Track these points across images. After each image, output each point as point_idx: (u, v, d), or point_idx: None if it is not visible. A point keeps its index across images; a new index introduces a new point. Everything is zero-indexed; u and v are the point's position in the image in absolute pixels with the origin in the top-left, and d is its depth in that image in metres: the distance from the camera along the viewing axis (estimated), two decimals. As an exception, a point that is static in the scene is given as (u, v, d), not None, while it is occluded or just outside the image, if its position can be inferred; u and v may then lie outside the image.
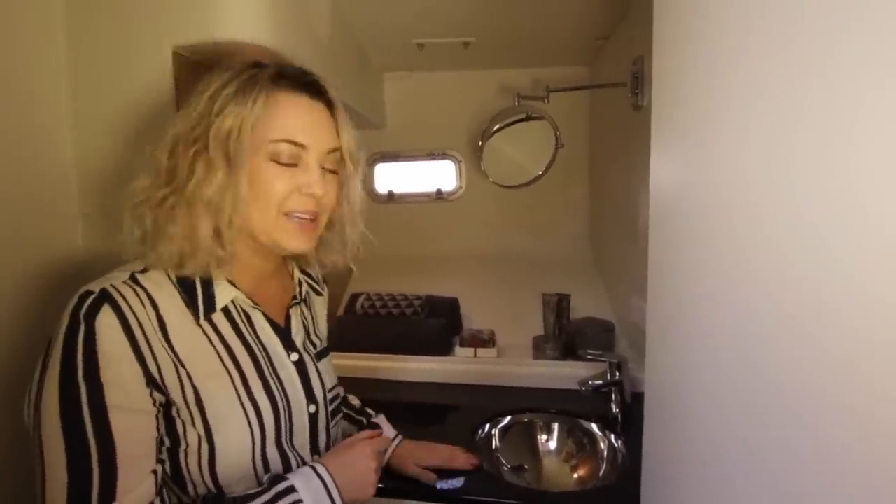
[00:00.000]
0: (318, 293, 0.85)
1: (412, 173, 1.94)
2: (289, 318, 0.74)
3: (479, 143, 1.67)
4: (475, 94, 1.83)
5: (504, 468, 1.11)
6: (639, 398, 0.76)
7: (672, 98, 0.62)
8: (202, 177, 0.60)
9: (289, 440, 0.68)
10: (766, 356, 0.41)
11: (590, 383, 1.15)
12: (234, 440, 0.61)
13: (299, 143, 0.64)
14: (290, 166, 0.64)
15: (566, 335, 1.49)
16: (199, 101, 0.63)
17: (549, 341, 1.46)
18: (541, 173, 1.67)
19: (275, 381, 0.67)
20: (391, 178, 1.95)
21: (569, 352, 1.43)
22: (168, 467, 0.60)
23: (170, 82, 0.89)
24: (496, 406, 1.23)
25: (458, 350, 1.47)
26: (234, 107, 0.61)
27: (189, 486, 0.61)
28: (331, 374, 0.79)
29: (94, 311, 0.55)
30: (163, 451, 0.60)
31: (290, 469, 0.66)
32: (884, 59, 0.29)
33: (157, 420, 0.58)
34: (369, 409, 0.97)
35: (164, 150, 0.62)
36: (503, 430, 1.19)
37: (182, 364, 0.59)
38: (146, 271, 0.62)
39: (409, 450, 0.93)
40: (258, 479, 0.64)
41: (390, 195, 1.94)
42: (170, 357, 0.59)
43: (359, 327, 1.53)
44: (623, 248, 1.45)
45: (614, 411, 1.14)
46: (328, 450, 0.75)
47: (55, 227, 0.89)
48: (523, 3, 1.29)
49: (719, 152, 0.50)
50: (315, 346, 0.78)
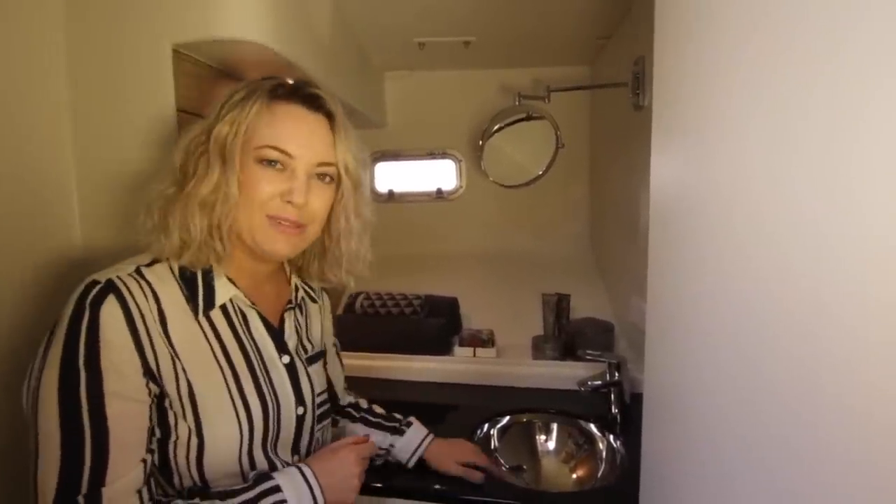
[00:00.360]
0: (314, 300, 0.86)
1: (412, 172, 1.94)
2: (283, 321, 0.75)
3: (480, 143, 1.66)
4: (476, 94, 1.83)
5: (503, 468, 1.10)
6: (638, 399, 0.76)
7: (673, 97, 0.62)
8: (200, 177, 0.63)
9: (274, 443, 0.69)
10: (765, 355, 0.41)
11: (589, 384, 1.15)
12: (223, 435, 0.63)
13: (286, 151, 0.66)
14: (278, 172, 0.66)
15: (566, 335, 1.48)
16: (213, 108, 0.67)
17: (548, 341, 1.46)
18: (541, 173, 1.67)
19: (266, 381, 0.68)
20: (391, 177, 1.95)
21: (568, 352, 1.43)
22: (157, 458, 0.62)
23: (170, 80, 0.89)
24: (495, 406, 1.23)
25: (457, 350, 1.46)
26: (233, 113, 0.65)
27: (175, 478, 0.62)
28: (322, 378, 0.81)
29: (99, 300, 0.57)
30: (153, 442, 0.61)
31: (274, 469, 0.67)
32: (886, 57, 0.29)
33: (150, 410, 0.59)
34: (397, 415, 0.97)
35: (179, 152, 0.66)
36: (502, 430, 1.18)
37: (178, 357, 0.61)
38: (152, 265, 0.64)
39: (444, 449, 0.94)
40: (244, 477, 0.65)
41: (390, 194, 1.94)
42: (167, 349, 0.60)
43: (358, 326, 1.53)
44: (623, 248, 1.45)
45: (613, 412, 1.13)
46: (309, 452, 0.76)
47: (54, 225, 0.89)
48: (524, 2, 1.29)
49: (720, 152, 0.49)
50: (307, 350, 0.79)
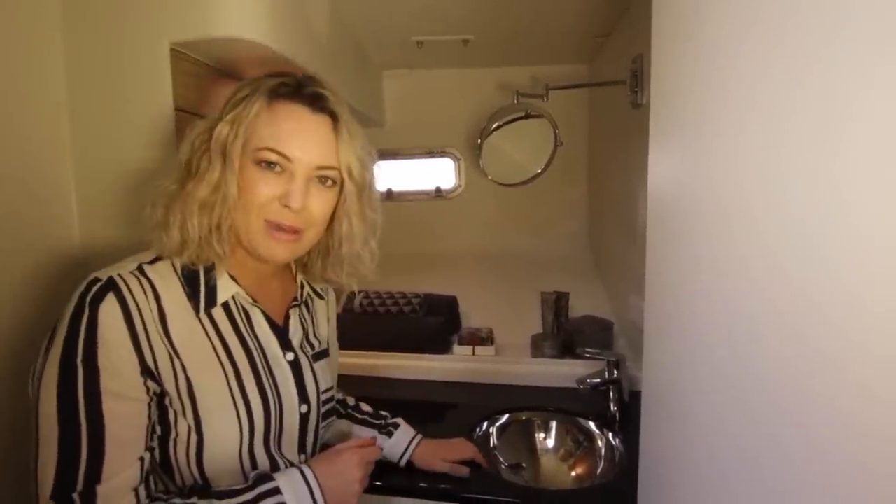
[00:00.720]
0: (321, 297, 0.85)
1: (411, 171, 1.94)
2: (288, 318, 0.75)
3: (478, 141, 1.66)
4: (474, 92, 1.83)
5: (502, 466, 1.11)
6: (637, 396, 0.76)
7: (670, 96, 0.62)
8: (201, 175, 0.63)
9: (277, 441, 0.68)
10: (756, 355, 0.41)
11: (588, 382, 1.15)
12: (223, 433, 0.63)
13: (284, 154, 0.64)
14: (277, 174, 0.64)
15: (564, 333, 1.49)
16: (218, 107, 0.67)
17: (547, 339, 1.46)
18: (540, 171, 1.67)
19: (268, 379, 0.68)
20: (390, 175, 1.95)
21: (567, 350, 1.43)
22: (157, 455, 0.62)
23: (168, 79, 0.89)
24: (494, 404, 1.23)
25: (456, 348, 1.47)
26: (234, 112, 0.64)
27: (176, 475, 0.63)
28: (327, 375, 0.80)
29: (98, 299, 0.57)
30: (153, 439, 0.61)
31: (277, 469, 0.67)
32: (878, 59, 0.29)
33: (149, 408, 0.60)
34: (384, 412, 0.97)
35: (185, 148, 0.66)
36: (501, 429, 1.19)
37: (178, 355, 0.61)
38: (154, 262, 0.64)
39: (432, 448, 0.94)
40: (244, 475, 0.65)
41: (389, 193, 1.94)
42: (166, 348, 0.60)
43: (357, 325, 1.53)
44: (622, 246, 1.45)
45: (612, 410, 1.14)
46: (315, 449, 0.76)
47: (53, 224, 0.89)
48: (522, 0, 1.28)
49: (715, 151, 0.49)
50: (313, 347, 0.78)
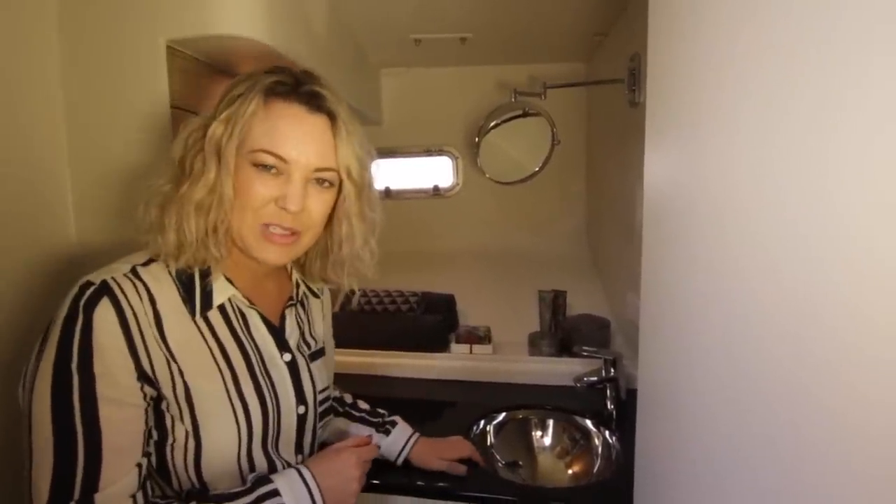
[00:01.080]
0: (316, 295, 0.85)
1: (409, 169, 1.94)
2: (284, 318, 0.74)
3: (476, 140, 1.66)
4: (472, 91, 1.82)
5: (499, 464, 1.11)
6: (634, 395, 0.76)
7: (666, 95, 0.62)
8: (196, 177, 0.61)
9: (275, 442, 0.68)
10: (750, 355, 0.41)
11: (585, 380, 1.15)
12: (221, 437, 0.62)
13: (281, 156, 0.62)
14: (273, 176, 0.63)
15: (562, 332, 1.49)
16: (213, 104, 0.65)
17: (544, 338, 1.46)
18: (537, 170, 1.67)
19: (265, 381, 0.67)
20: (388, 174, 1.95)
21: (564, 348, 1.44)
22: (154, 460, 0.61)
23: (164, 77, 0.89)
24: (491, 402, 1.23)
25: (453, 346, 1.47)
26: (229, 111, 0.62)
27: (174, 480, 0.62)
28: (324, 375, 0.79)
29: (92, 303, 0.56)
30: (150, 444, 0.60)
31: (274, 470, 0.66)
32: (873, 58, 0.29)
33: (146, 413, 0.59)
34: (381, 410, 0.97)
35: (178, 146, 0.64)
36: (498, 427, 1.19)
37: (174, 359, 0.60)
38: (148, 264, 0.62)
39: (429, 446, 0.94)
40: (243, 478, 0.64)
41: (387, 192, 1.94)
42: (163, 352, 0.59)
43: (355, 323, 1.53)
44: (619, 244, 1.45)
45: (609, 408, 1.14)
46: (313, 449, 0.75)
47: (49, 222, 0.89)
48: (520, -2, 1.28)
49: (710, 150, 0.50)
50: (309, 346, 0.78)
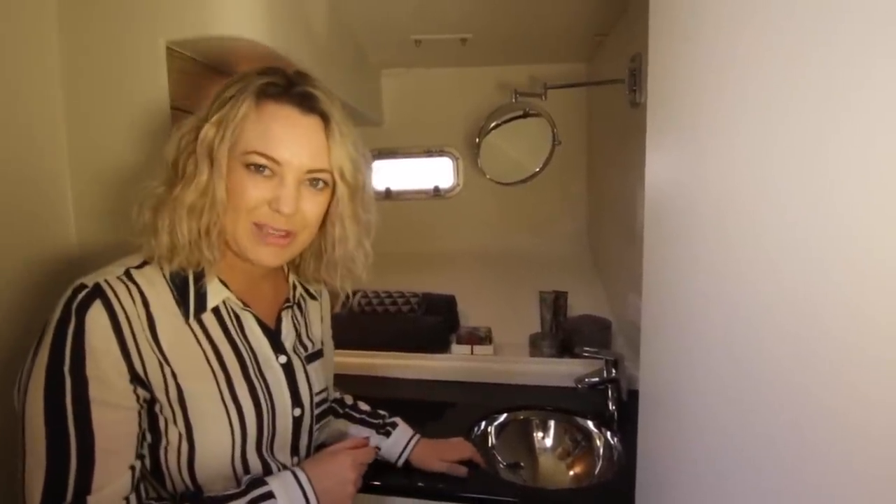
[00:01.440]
0: (313, 297, 0.84)
1: (409, 170, 1.94)
2: (280, 320, 0.74)
3: (477, 140, 1.66)
4: (473, 91, 1.82)
5: (500, 465, 1.11)
6: (635, 396, 0.76)
7: (667, 96, 0.61)
8: (188, 179, 0.61)
9: (269, 445, 0.68)
10: (751, 355, 0.41)
11: (586, 381, 1.15)
12: (215, 440, 0.62)
13: (273, 158, 0.62)
14: (266, 178, 0.63)
15: (563, 333, 1.49)
16: (205, 104, 0.64)
17: (545, 339, 1.46)
18: (538, 170, 1.67)
19: (260, 383, 0.67)
20: (388, 175, 1.95)
21: (565, 349, 1.44)
22: (148, 462, 0.61)
23: (164, 78, 0.89)
24: (493, 403, 1.23)
25: (454, 347, 1.47)
26: (221, 113, 0.62)
27: (168, 483, 0.62)
28: (321, 377, 0.79)
29: (85, 306, 0.56)
30: (144, 447, 0.60)
31: (269, 472, 0.66)
32: (874, 59, 0.29)
33: (139, 416, 0.59)
34: (381, 411, 0.97)
35: (170, 148, 0.64)
36: (499, 428, 1.19)
37: (167, 362, 0.60)
38: (142, 267, 0.62)
39: (430, 448, 0.93)
40: (237, 480, 0.64)
41: (387, 192, 1.94)
42: (155, 355, 0.59)
43: (355, 324, 1.53)
44: (620, 245, 1.45)
45: (610, 409, 1.14)
46: (309, 451, 0.75)
47: (48, 222, 0.89)
48: (521, -1, 1.28)
49: (711, 150, 0.49)
50: (306, 348, 0.78)
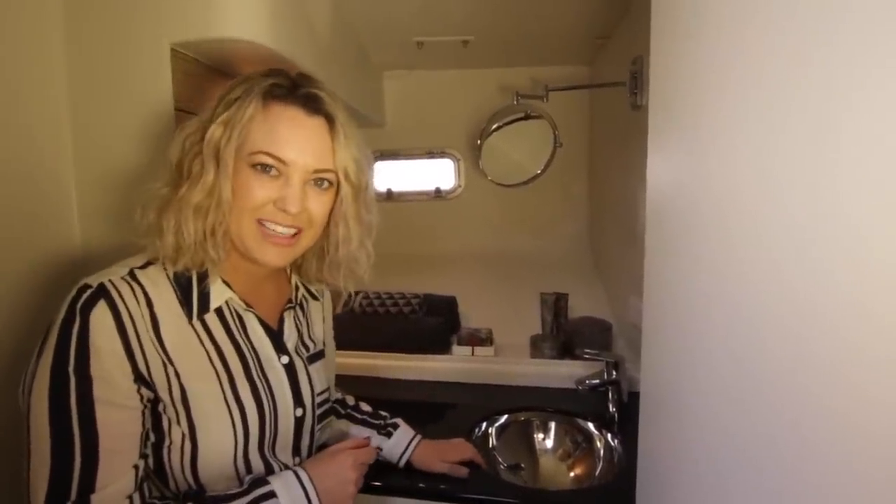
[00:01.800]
0: (316, 298, 0.85)
1: (411, 172, 1.95)
2: (282, 320, 0.74)
3: (478, 142, 1.67)
4: (474, 93, 1.83)
5: (501, 466, 1.11)
6: (636, 397, 0.76)
7: (669, 97, 0.62)
8: (194, 179, 0.62)
9: (272, 445, 0.68)
10: (753, 355, 0.41)
11: (587, 382, 1.15)
12: (217, 440, 0.62)
13: (280, 158, 0.63)
14: (272, 178, 0.64)
15: (564, 334, 1.49)
16: (209, 106, 0.65)
17: (546, 340, 1.46)
18: (539, 172, 1.67)
19: (263, 384, 0.68)
20: (390, 176, 1.95)
21: (566, 351, 1.43)
22: (151, 462, 0.61)
23: (168, 79, 0.89)
24: (493, 404, 1.23)
25: (455, 349, 1.47)
26: (228, 113, 0.63)
27: (171, 482, 0.62)
28: (323, 377, 0.79)
29: (89, 306, 0.56)
30: (147, 446, 0.61)
31: (272, 472, 0.66)
32: (877, 60, 0.29)
33: (143, 416, 0.59)
34: (383, 412, 0.97)
35: (174, 149, 0.64)
36: (500, 429, 1.19)
37: (171, 362, 0.60)
38: (146, 267, 0.63)
39: (431, 448, 0.94)
40: (239, 480, 0.64)
41: (389, 193, 1.94)
42: (159, 355, 0.59)
43: (356, 325, 1.53)
44: (621, 247, 1.45)
45: (611, 410, 1.14)
46: (310, 452, 0.75)
47: (53, 224, 0.89)
48: (523, 1, 1.29)
49: (713, 152, 0.50)
50: (308, 349, 0.78)
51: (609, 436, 1.11)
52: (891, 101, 0.28)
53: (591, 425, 1.16)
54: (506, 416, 1.20)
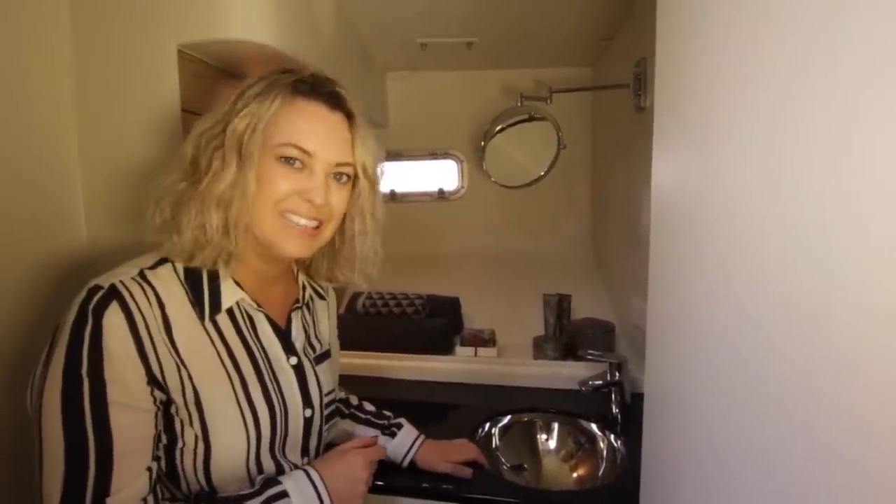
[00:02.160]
0: (322, 297, 0.85)
1: (414, 173, 1.95)
2: (290, 320, 0.74)
3: (482, 143, 1.67)
4: (478, 95, 1.83)
5: (504, 467, 1.11)
6: (639, 399, 0.76)
7: (675, 98, 0.62)
8: (216, 172, 0.62)
9: (282, 445, 0.68)
10: (763, 356, 0.41)
11: (590, 383, 1.15)
12: (230, 442, 0.62)
13: (305, 150, 0.64)
14: (297, 171, 0.65)
15: (566, 335, 1.49)
16: (226, 101, 0.65)
17: (549, 341, 1.46)
18: (543, 174, 1.67)
19: (273, 385, 0.68)
20: (394, 177, 1.96)
21: (569, 352, 1.43)
22: (163, 463, 0.61)
23: (175, 81, 0.90)
24: (496, 405, 1.23)
25: (458, 349, 1.47)
26: (252, 107, 0.63)
27: (183, 484, 0.62)
28: (329, 378, 0.80)
29: (102, 307, 0.55)
30: (159, 448, 0.60)
31: (282, 473, 0.66)
32: (888, 60, 0.29)
33: (156, 418, 0.59)
34: (386, 412, 0.97)
35: (189, 145, 0.65)
36: (503, 430, 1.19)
37: (184, 364, 0.60)
38: (155, 268, 0.62)
39: (435, 448, 0.94)
40: (251, 481, 0.64)
41: (392, 194, 1.95)
42: (172, 357, 0.59)
43: (360, 326, 1.53)
44: (624, 249, 1.45)
45: (614, 411, 1.14)
46: (318, 452, 0.75)
47: (59, 224, 0.89)
48: (526, 3, 1.29)
49: (721, 153, 0.50)
50: (315, 349, 0.78)
51: (612, 437, 1.11)
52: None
53: (594, 426, 1.16)
54: (509, 416, 1.20)
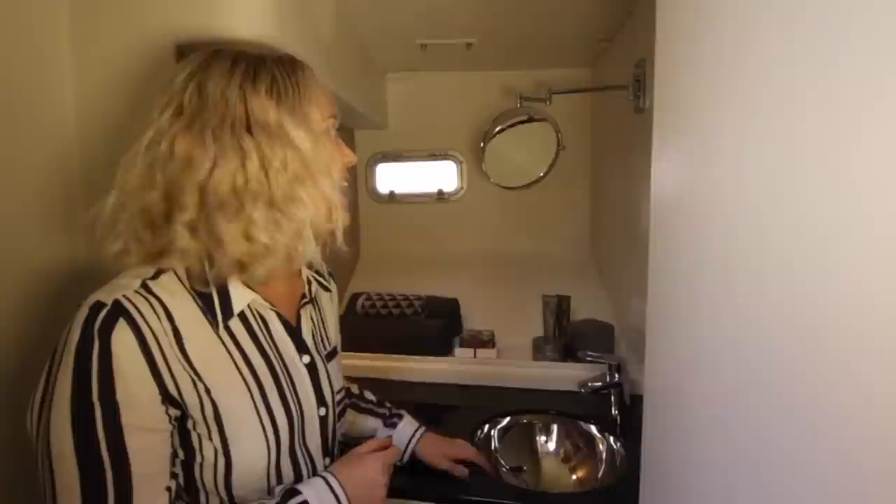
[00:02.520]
0: (327, 289, 0.82)
1: (414, 174, 1.95)
2: (299, 318, 0.72)
3: (481, 144, 1.67)
4: (477, 95, 1.83)
5: (503, 469, 1.11)
6: (638, 400, 0.76)
7: (673, 100, 0.62)
8: (274, 171, 0.59)
9: (302, 446, 0.67)
10: (762, 358, 0.41)
11: (589, 385, 1.15)
12: (251, 451, 0.60)
13: (336, 117, 0.66)
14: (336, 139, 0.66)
15: (566, 337, 1.49)
16: (219, 101, 0.59)
17: (548, 342, 1.46)
18: (542, 175, 1.67)
19: (289, 387, 0.66)
20: (393, 178, 1.95)
21: (568, 353, 1.43)
22: (181, 479, 0.59)
23: (173, 80, 0.89)
24: (495, 407, 1.23)
25: (457, 350, 1.47)
26: (277, 93, 0.60)
27: (202, 497, 0.60)
28: (339, 375, 0.78)
29: (108, 327, 0.52)
30: (176, 464, 0.58)
31: (300, 476, 0.65)
32: (887, 61, 0.29)
33: (171, 436, 0.57)
34: (387, 402, 0.97)
35: (224, 178, 0.59)
36: (502, 431, 1.19)
37: (199, 377, 0.57)
38: (158, 276, 0.58)
39: (436, 442, 0.93)
40: (269, 489, 0.62)
41: (391, 195, 1.94)
42: (187, 372, 0.56)
43: (359, 327, 1.53)
44: (623, 250, 1.45)
45: (613, 413, 1.14)
46: (333, 448, 0.74)
47: (58, 231, 0.88)
48: (526, 4, 1.29)
49: (721, 155, 0.50)
50: (325, 346, 0.76)
51: (611, 438, 1.11)
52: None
53: (593, 428, 1.16)
54: (508, 418, 1.20)
